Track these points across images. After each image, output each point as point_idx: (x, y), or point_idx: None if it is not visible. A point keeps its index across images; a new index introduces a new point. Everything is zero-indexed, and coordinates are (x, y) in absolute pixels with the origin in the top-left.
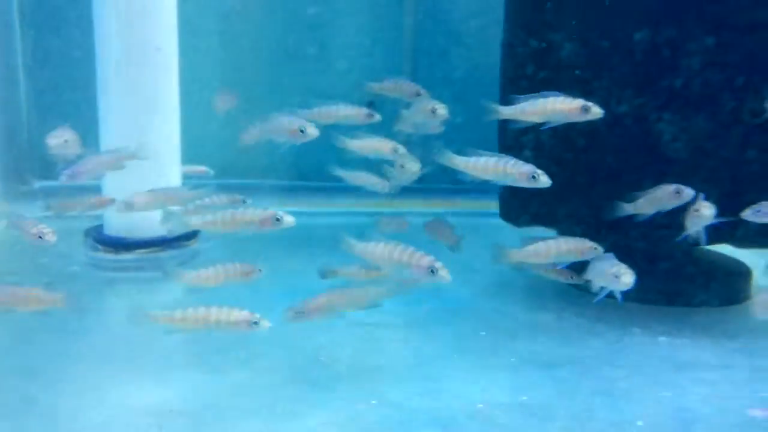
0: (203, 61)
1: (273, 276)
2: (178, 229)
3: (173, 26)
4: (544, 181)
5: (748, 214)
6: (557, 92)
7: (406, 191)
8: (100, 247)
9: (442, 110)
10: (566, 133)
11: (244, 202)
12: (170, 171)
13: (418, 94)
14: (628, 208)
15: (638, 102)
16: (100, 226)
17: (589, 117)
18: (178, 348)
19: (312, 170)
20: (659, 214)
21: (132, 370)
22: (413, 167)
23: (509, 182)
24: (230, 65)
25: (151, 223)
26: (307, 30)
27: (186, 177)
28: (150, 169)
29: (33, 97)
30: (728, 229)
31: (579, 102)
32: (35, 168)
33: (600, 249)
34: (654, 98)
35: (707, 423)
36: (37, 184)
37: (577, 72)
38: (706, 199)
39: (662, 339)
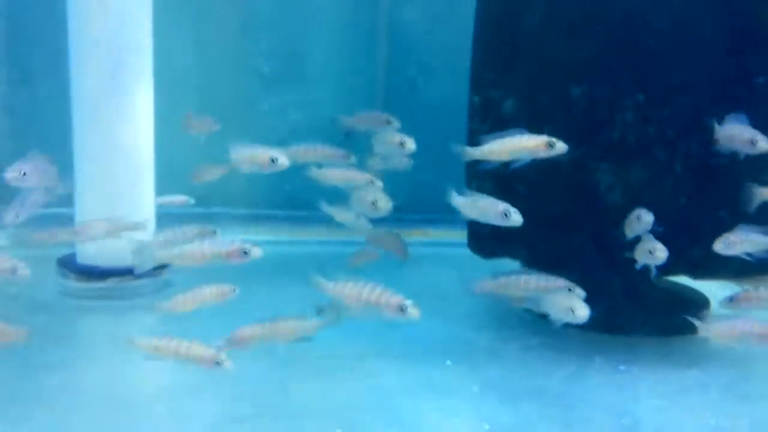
0: (178, 87)
1: (243, 306)
2: (147, 264)
3: (148, 56)
4: (515, 219)
5: (719, 247)
6: (522, 129)
7: (376, 221)
8: (71, 275)
9: (410, 144)
10: (509, 182)
11: (214, 233)
12: (144, 197)
13: (388, 122)
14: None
15: (577, 153)
16: (73, 255)
17: (554, 152)
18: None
19: (285, 199)
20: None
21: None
22: (385, 205)
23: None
24: (205, 92)
25: (124, 251)
26: (284, 58)
27: (165, 208)
28: (124, 195)
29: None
30: (684, 262)
31: (544, 138)
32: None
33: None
34: (592, 149)
35: None
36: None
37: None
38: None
39: (622, 368)
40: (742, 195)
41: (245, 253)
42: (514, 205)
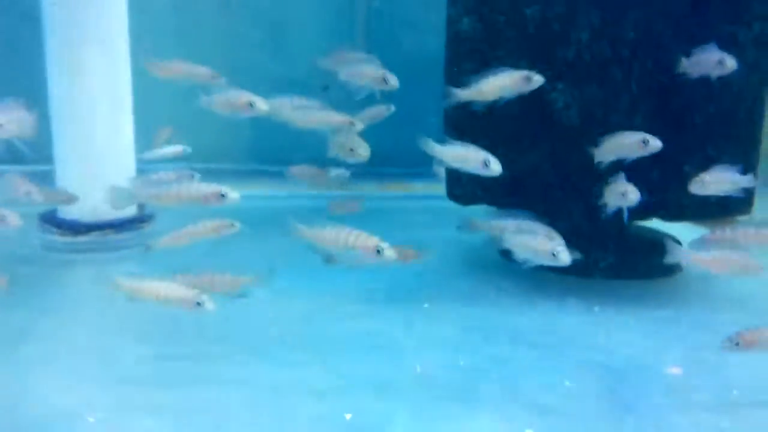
0: (161, 46)
1: (225, 258)
2: (124, 204)
3: (122, 15)
4: (495, 168)
5: (696, 188)
6: (504, 67)
7: (359, 175)
8: (54, 230)
9: (393, 80)
10: (467, 103)
11: (192, 177)
12: (125, 158)
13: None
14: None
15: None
16: (54, 210)
17: (532, 85)
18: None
19: (268, 154)
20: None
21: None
22: (363, 152)
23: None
24: (187, 49)
25: (104, 205)
26: (260, 16)
27: (164, 160)
28: (105, 157)
29: None
30: (656, 205)
31: (523, 73)
32: None
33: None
34: (547, 69)
35: (629, 381)
36: None
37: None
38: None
39: (596, 309)
40: None
41: (222, 195)
42: (475, 128)
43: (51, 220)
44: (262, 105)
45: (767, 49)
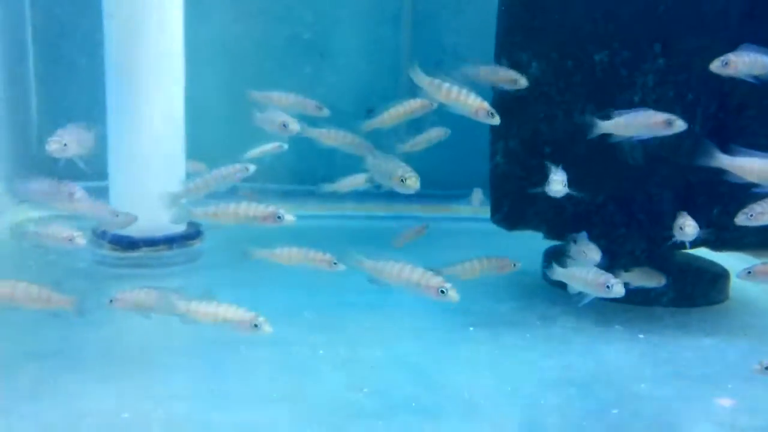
0: (207, 69)
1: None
2: (182, 219)
3: (179, 34)
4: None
5: (741, 219)
6: (646, 108)
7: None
8: (106, 244)
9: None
10: (533, 141)
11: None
12: (177, 171)
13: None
14: (604, 126)
15: (599, 115)
16: None
17: (673, 130)
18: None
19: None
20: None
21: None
22: (414, 184)
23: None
24: (231, 72)
25: (157, 222)
26: (311, 45)
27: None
28: (157, 174)
29: (44, 98)
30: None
31: (665, 116)
32: (44, 168)
33: None
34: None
35: (677, 413)
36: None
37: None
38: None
39: (641, 336)
40: None
41: (279, 217)
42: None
43: (103, 235)
44: (294, 126)
45: None
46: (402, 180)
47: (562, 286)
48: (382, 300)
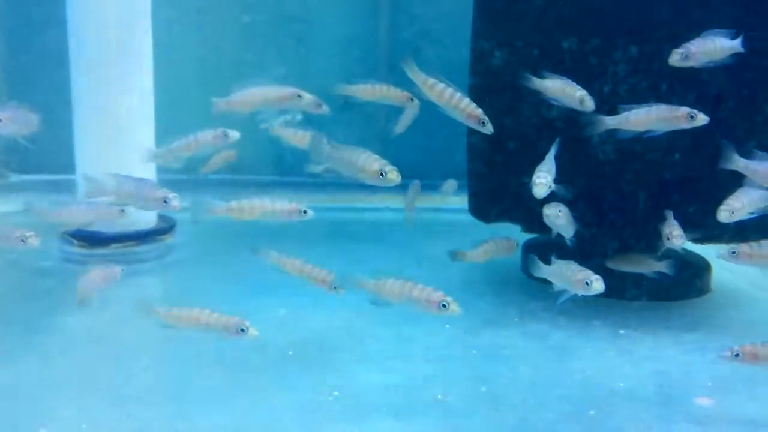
0: (181, 56)
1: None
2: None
3: (146, 23)
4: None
5: (723, 216)
6: (658, 102)
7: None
8: (74, 241)
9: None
10: (498, 136)
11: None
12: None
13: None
14: (609, 122)
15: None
16: None
17: (695, 124)
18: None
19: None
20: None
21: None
22: (395, 177)
23: None
24: (207, 56)
25: (127, 217)
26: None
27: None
28: (128, 161)
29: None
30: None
31: (684, 110)
32: (12, 162)
33: None
34: None
35: (656, 410)
36: (14, 178)
37: (507, 79)
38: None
39: (622, 332)
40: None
41: (303, 212)
42: (507, 161)
43: (71, 232)
44: (233, 134)
45: None
46: (381, 174)
47: (543, 279)
48: (357, 298)
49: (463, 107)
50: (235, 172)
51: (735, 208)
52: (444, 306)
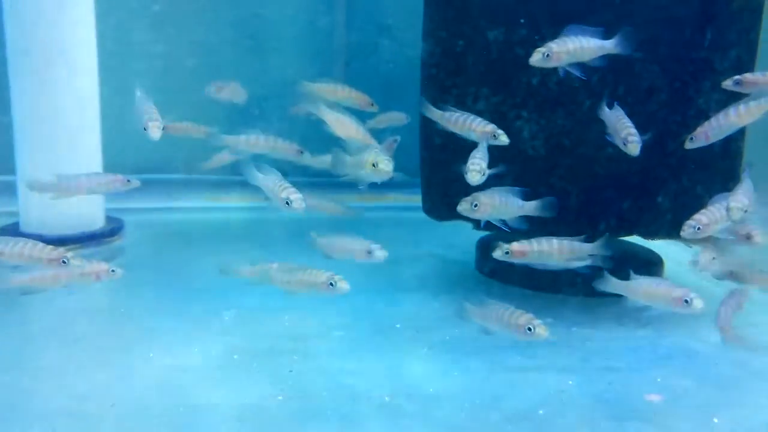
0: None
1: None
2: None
3: (89, 19)
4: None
5: (687, 233)
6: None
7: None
8: None
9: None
10: (425, 132)
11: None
12: (93, 163)
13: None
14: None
15: (495, 100)
16: (16, 224)
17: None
18: None
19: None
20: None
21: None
22: (387, 167)
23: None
24: (164, 57)
25: (69, 219)
26: (244, 20)
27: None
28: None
29: None
30: (639, 222)
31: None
32: None
33: None
34: (511, 96)
35: (607, 408)
36: None
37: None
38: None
39: (574, 329)
40: None
41: (369, 252)
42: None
43: (10, 235)
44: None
45: None
46: (374, 165)
47: (497, 277)
48: (304, 301)
49: (476, 127)
50: None
51: (702, 224)
52: (530, 329)
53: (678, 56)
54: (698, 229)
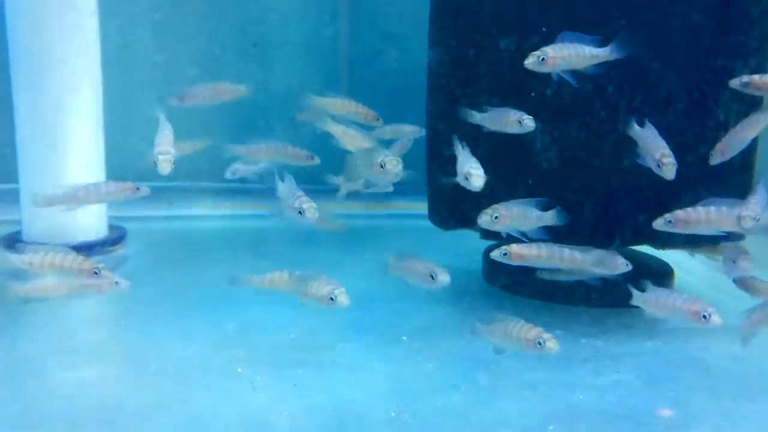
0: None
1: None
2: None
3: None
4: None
5: (659, 224)
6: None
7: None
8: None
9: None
10: (432, 142)
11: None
12: (96, 172)
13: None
14: None
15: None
16: (19, 233)
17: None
18: None
19: None
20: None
21: None
22: (395, 167)
23: None
24: (167, 64)
25: (72, 228)
26: (246, 27)
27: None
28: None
29: None
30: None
31: None
32: None
33: None
34: (523, 107)
35: (618, 423)
36: None
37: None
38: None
39: (583, 341)
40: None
41: (432, 277)
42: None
43: (12, 244)
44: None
45: None
46: (381, 165)
47: (504, 287)
48: (309, 312)
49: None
50: None
51: (677, 218)
52: (540, 344)
53: (696, 64)
54: (670, 222)
